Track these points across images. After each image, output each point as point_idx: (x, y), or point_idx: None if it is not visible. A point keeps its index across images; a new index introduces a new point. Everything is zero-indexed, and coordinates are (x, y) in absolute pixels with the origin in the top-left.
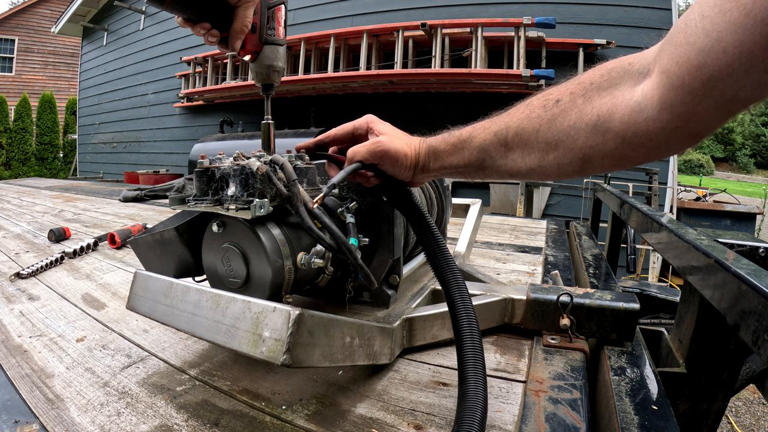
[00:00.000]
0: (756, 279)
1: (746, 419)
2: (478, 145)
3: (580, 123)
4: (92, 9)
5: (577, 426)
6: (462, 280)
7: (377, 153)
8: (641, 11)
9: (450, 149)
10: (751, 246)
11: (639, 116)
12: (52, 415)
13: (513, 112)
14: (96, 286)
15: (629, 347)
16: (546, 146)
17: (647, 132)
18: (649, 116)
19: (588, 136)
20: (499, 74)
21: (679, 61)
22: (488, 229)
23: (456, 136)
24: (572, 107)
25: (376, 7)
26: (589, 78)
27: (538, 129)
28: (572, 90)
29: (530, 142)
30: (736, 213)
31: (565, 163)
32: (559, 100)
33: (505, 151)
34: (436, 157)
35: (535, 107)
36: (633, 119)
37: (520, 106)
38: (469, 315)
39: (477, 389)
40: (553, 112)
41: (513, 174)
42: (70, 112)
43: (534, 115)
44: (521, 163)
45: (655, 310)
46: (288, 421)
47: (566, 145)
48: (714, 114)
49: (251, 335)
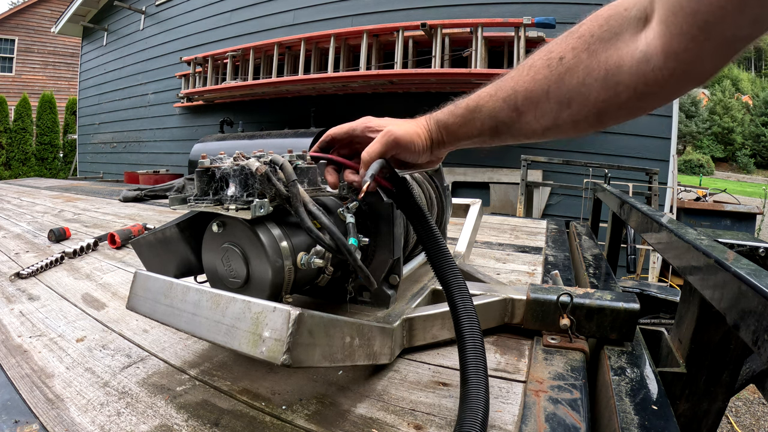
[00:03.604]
0: (756, 279)
1: (746, 419)
2: (488, 113)
3: (589, 78)
4: (92, 9)
5: (577, 426)
6: (462, 280)
7: (390, 143)
8: None
9: (460, 121)
10: (751, 246)
11: (647, 66)
12: (52, 415)
13: (517, 76)
14: (96, 286)
15: (629, 347)
16: (558, 106)
17: (657, 81)
18: (656, 65)
19: (599, 90)
20: (500, 74)
21: (674, 10)
22: (488, 229)
23: (463, 107)
24: (578, 63)
25: (376, 7)
26: (589, 29)
27: (548, 90)
28: (574, 45)
29: (541, 103)
30: (736, 213)
31: (580, 119)
32: (563, 58)
33: (518, 115)
34: (447, 130)
35: (540, 68)
36: (641, 70)
37: (523, 68)
38: (471, 316)
39: (479, 390)
40: (559, 71)
41: (529, 136)
42: (70, 112)
43: (540, 76)
44: (536, 125)
45: (655, 310)
46: (288, 421)
47: (579, 102)
48: (718, 54)
49: (251, 335)
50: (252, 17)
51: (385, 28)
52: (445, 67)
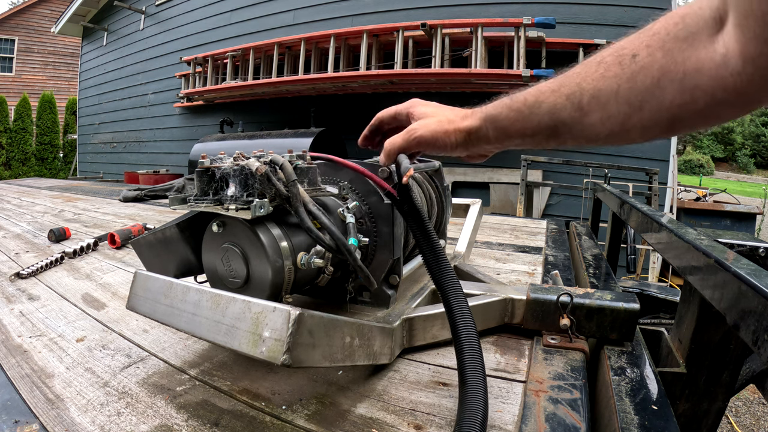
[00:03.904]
0: (756, 279)
1: (746, 419)
2: (548, 109)
3: (664, 80)
4: (92, 9)
5: (577, 426)
6: (458, 286)
7: (412, 142)
8: (641, 11)
9: (514, 116)
10: (751, 246)
11: (725, 71)
12: (52, 415)
13: (584, 72)
14: (96, 286)
15: (629, 347)
16: (629, 108)
17: (735, 87)
18: (734, 70)
19: (675, 94)
20: (499, 74)
21: (745, 13)
22: (488, 229)
23: (520, 101)
24: (652, 63)
25: (376, 7)
26: (664, 27)
27: (617, 89)
28: (648, 42)
29: (609, 104)
30: (736, 213)
31: (651, 125)
32: (636, 55)
33: (581, 116)
34: (496, 125)
35: (611, 64)
36: (720, 74)
37: (591, 63)
38: (466, 318)
39: (477, 391)
40: (632, 68)
41: (591, 140)
42: (70, 112)
43: (610, 73)
44: (601, 128)
45: (655, 310)
46: (288, 421)
47: (652, 106)
48: None
49: (251, 335)
50: (252, 17)
51: (385, 28)
52: (445, 67)
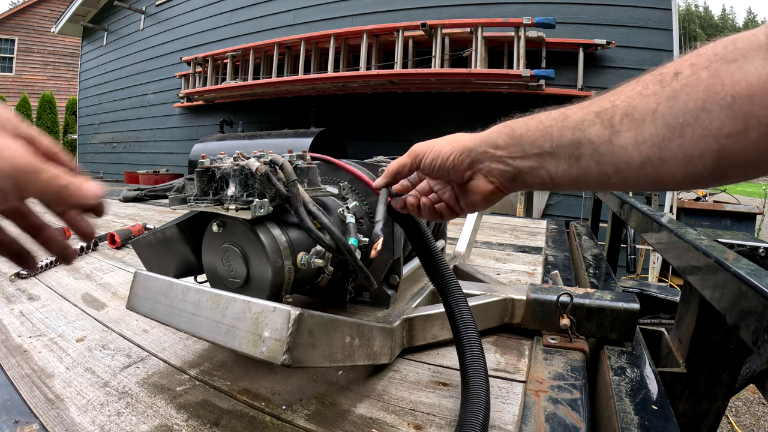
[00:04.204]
0: (756, 279)
1: (746, 419)
2: (573, 124)
3: (711, 103)
4: (92, 9)
5: (577, 426)
6: (459, 287)
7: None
8: (641, 11)
9: (534, 125)
10: (751, 246)
11: None
12: (52, 415)
13: (619, 90)
14: (96, 286)
15: (629, 347)
16: (667, 129)
17: None
18: None
19: (724, 121)
20: (499, 74)
21: None
22: (488, 229)
23: (543, 115)
24: (697, 81)
25: (376, 7)
26: (712, 49)
27: (656, 108)
28: (692, 61)
29: (645, 124)
30: (736, 213)
31: (694, 155)
32: (679, 73)
33: (611, 134)
34: (509, 131)
35: (649, 82)
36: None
37: (629, 83)
38: (467, 319)
39: (479, 392)
40: (673, 87)
41: (620, 168)
42: (70, 112)
43: (648, 91)
44: (634, 151)
45: (655, 310)
46: (288, 421)
47: (695, 131)
48: None
49: (251, 335)
50: (252, 17)
51: (385, 28)
52: (445, 67)
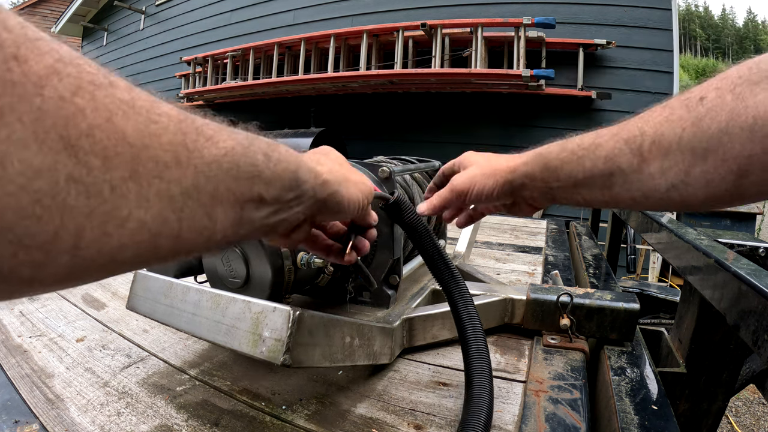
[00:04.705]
0: (756, 279)
1: (746, 419)
2: (605, 155)
3: (733, 126)
4: (92, 9)
5: (577, 426)
6: (465, 287)
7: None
8: (641, 11)
9: (566, 156)
10: (751, 246)
11: None
12: (52, 415)
13: (647, 116)
14: (96, 286)
15: (629, 347)
16: (692, 156)
17: None
18: None
19: (744, 142)
20: (499, 74)
21: None
22: (488, 229)
23: (575, 142)
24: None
25: (376, 7)
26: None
27: (681, 134)
28: (717, 85)
29: (671, 150)
30: (736, 213)
31: (715, 178)
32: (704, 98)
33: (640, 162)
34: (545, 165)
35: (676, 108)
36: None
37: (657, 108)
38: (473, 317)
39: (482, 392)
40: (698, 111)
41: (648, 194)
42: None
43: (675, 116)
44: (660, 179)
45: (655, 310)
46: (288, 421)
47: (717, 155)
48: None
49: (251, 335)
50: (252, 17)
51: (385, 28)
52: (445, 67)
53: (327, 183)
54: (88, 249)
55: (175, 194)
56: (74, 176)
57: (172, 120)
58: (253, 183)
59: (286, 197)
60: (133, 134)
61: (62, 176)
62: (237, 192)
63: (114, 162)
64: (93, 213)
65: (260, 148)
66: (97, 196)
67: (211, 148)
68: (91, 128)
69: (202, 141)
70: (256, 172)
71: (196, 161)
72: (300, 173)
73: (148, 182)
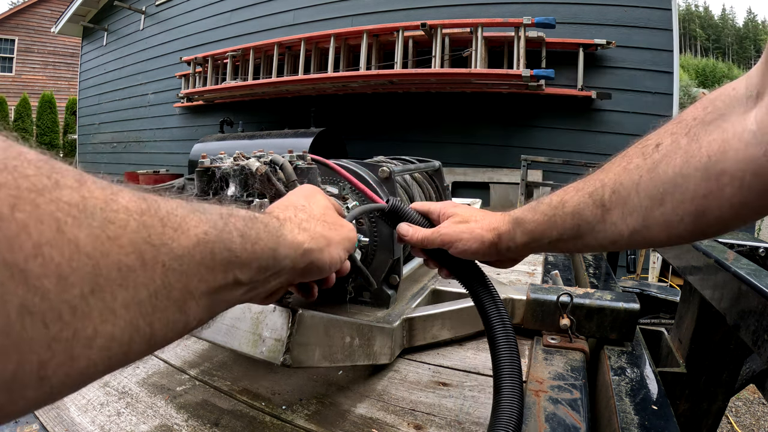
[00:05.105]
0: (756, 279)
1: (746, 419)
2: (572, 210)
3: (687, 168)
4: (92, 9)
5: (577, 426)
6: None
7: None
8: (641, 11)
9: (539, 218)
10: (751, 246)
11: (757, 150)
12: (52, 415)
13: (608, 167)
14: None
15: (629, 347)
16: (650, 202)
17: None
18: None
19: (699, 183)
20: (499, 74)
21: None
22: None
23: (545, 203)
24: (675, 150)
25: (376, 7)
26: (692, 113)
27: (638, 181)
28: (673, 130)
29: (630, 198)
30: None
31: (674, 220)
32: (660, 144)
33: (603, 213)
34: (522, 228)
35: (633, 156)
36: (750, 155)
37: (616, 158)
38: (504, 317)
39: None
40: (654, 158)
41: (614, 240)
42: (70, 112)
43: (632, 165)
44: (622, 226)
45: (655, 310)
46: (288, 421)
47: (674, 198)
48: None
49: (251, 335)
50: (252, 17)
51: (385, 28)
52: (445, 67)
53: (308, 252)
54: (56, 377)
55: (143, 299)
56: (27, 306)
57: (131, 215)
58: (229, 269)
59: (264, 276)
60: (88, 243)
61: (13, 309)
62: (211, 281)
63: (70, 280)
64: (54, 340)
65: (236, 227)
66: (56, 322)
67: (180, 238)
68: (39, 246)
69: (170, 232)
70: (233, 258)
71: (164, 257)
72: (279, 250)
73: (111, 294)
